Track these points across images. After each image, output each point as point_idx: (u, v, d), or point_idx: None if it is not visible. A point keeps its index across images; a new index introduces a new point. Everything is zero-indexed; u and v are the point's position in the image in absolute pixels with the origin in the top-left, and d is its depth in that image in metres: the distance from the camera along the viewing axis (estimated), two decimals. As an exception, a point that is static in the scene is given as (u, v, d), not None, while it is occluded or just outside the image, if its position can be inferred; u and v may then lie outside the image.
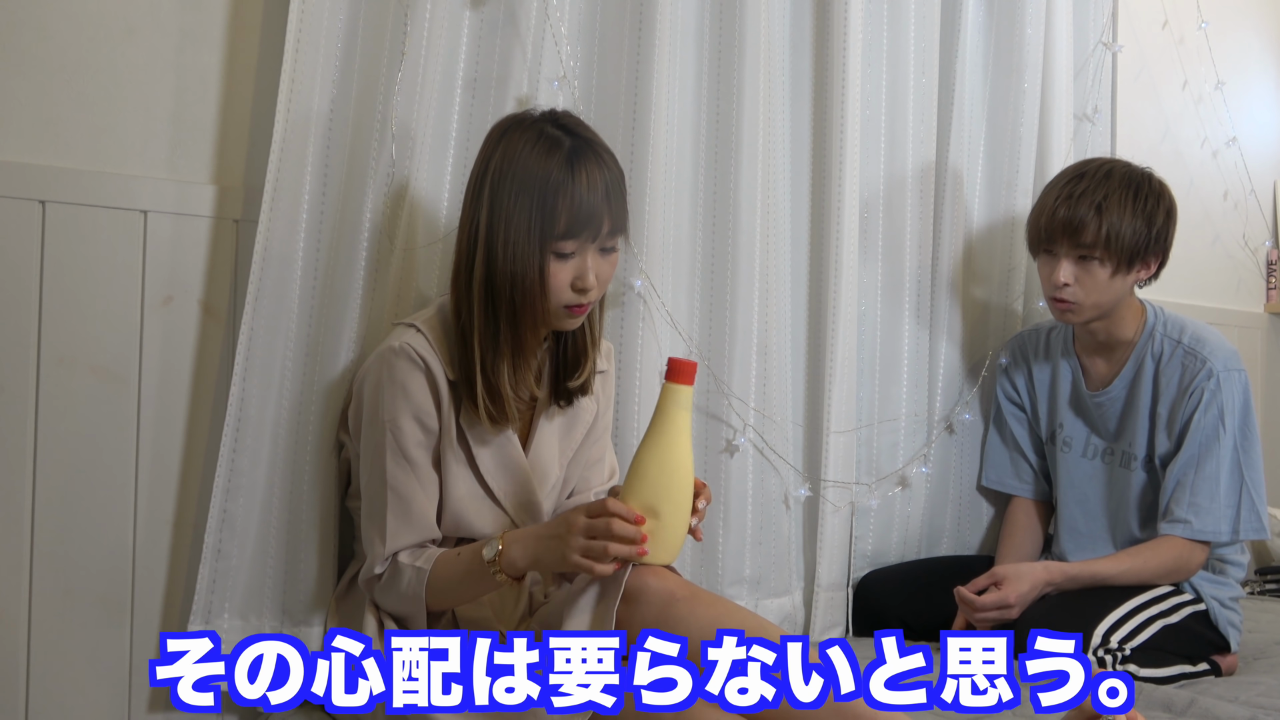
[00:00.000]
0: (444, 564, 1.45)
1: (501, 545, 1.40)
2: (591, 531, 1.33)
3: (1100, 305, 1.99)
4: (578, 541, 1.34)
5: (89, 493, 1.53)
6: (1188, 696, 1.61)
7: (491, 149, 1.45)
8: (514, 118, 1.49)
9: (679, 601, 1.34)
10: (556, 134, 1.43)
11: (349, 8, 1.61)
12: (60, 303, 1.50)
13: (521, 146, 1.42)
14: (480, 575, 1.42)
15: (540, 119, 1.47)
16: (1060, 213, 1.95)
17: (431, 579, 1.44)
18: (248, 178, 1.63)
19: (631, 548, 1.32)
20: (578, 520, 1.35)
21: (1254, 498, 1.97)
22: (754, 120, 1.97)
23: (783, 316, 2.06)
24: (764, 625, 1.34)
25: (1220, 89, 3.09)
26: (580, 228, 1.42)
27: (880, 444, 2.22)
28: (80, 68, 1.53)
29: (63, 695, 1.52)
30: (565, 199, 1.40)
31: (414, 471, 1.46)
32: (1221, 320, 2.99)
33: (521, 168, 1.41)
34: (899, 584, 2.15)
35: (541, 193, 1.40)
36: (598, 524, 1.33)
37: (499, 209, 1.41)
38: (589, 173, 1.42)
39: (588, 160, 1.42)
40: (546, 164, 1.41)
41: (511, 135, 1.44)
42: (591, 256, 1.45)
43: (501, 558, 1.40)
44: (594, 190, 1.41)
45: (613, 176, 1.45)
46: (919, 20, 2.24)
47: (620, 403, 1.82)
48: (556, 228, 1.41)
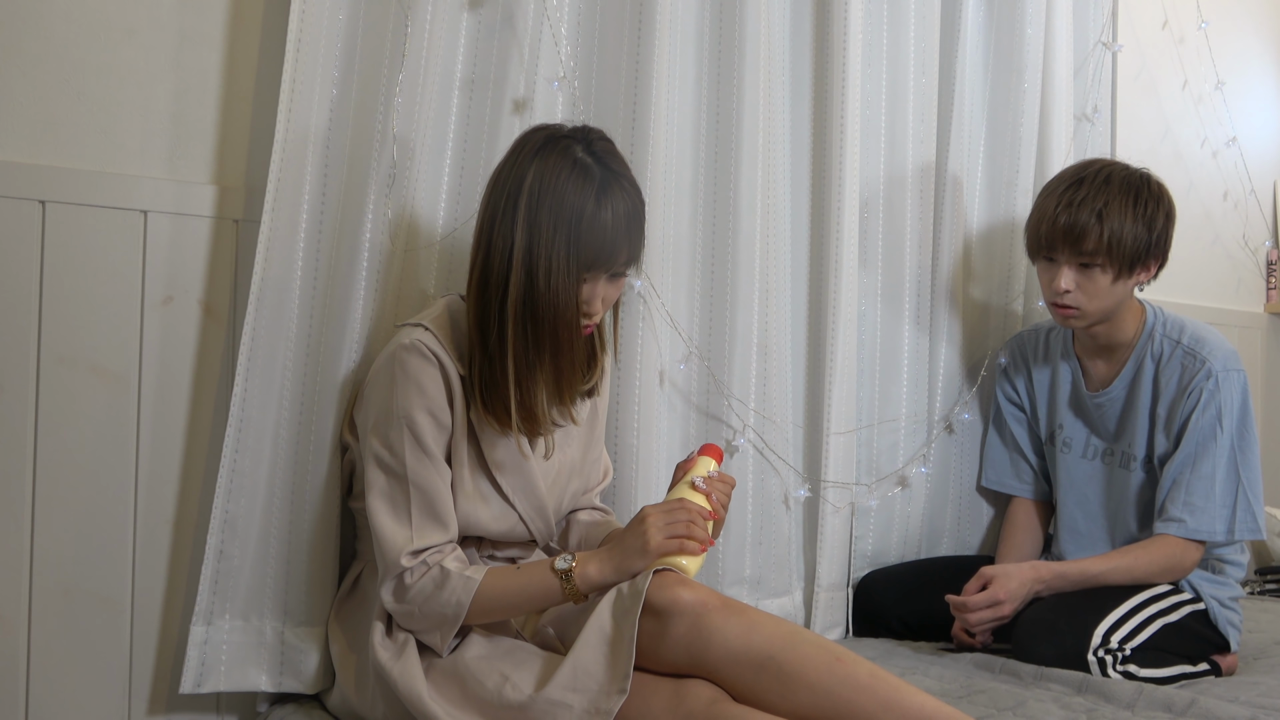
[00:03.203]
0: (498, 576, 1.43)
1: (575, 561, 1.42)
2: (672, 516, 1.40)
3: (1102, 310, 1.99)
4: (659, 521, 1.40)
5: (89, 492, 1.53)
6: (1188, 696, 1.61)
7: (526, 165, 1.44)
8: (547, 133, 1.47)
9: (712, 611, 1.33)
10: (588, 162, 1.44)
11: (349, 9, 1.61)
12: (60, 303, 1.50)
13: (558, 172, 1.42)
14: (547, 590, 1.42)
15: (572, 137, 1.46)
16: (1061, 220, 1.94)
17: (483, 590, 1.41)
18: (249, 178, 1.63)
19: (705, 536, 1.41)
20: (649, 513, 1.41)
21: (1250, 498, 1.97)
22: (754, 120, 1.97)
23: (783, 317, 2.06)
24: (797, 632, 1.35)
25: (1220, 89, 3.09)
26: (603, 262, 1.43)
27: (880, 444, 2.22)
28: (80, 68, 1.53)
29: (63, 695, 1.52)
30: (594, 233, 1.41)
31: (434, 466, 1.45)
32: (1221, 320, 2.99)
33: (558, 197, 1.41)
34: (899, 584, 2.15)
35: (576, 224, 1.41)
36: (677, 512, 1.41)
37: (539, 235, 1.41)
38: (614, 207, 1.42)
39: (614, 194, 1.43)
40: (581, 195, 1.41)
41: (547, 156, 1.44)
42: (603, 283, 1.46)
43: (576, 571, 1.41)
44: (617, 226, 1.43)
45: (634, 209, 1.46)
46: (919, 20, 2.24)
47: (620, 402, 1.82)
48: (585, 260, 1.42)
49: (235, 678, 1.55)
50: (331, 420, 1.58)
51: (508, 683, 1.35)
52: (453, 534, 1.46)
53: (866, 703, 1.27)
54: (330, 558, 1.60)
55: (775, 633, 1.32)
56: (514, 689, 1.34)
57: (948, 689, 1.72)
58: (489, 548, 1.57)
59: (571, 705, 1.30)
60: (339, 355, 1.58)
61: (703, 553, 1.42)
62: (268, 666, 1.57)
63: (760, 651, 1.30)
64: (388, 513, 1.44)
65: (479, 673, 1.39)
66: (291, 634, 1.57)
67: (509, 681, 1.35)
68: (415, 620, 1.43)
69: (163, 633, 1.58)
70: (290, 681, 1.57)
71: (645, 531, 1.40)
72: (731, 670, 1.31)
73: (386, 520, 1.43)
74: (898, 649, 2.00)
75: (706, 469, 1.52)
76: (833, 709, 1.28)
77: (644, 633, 1.32)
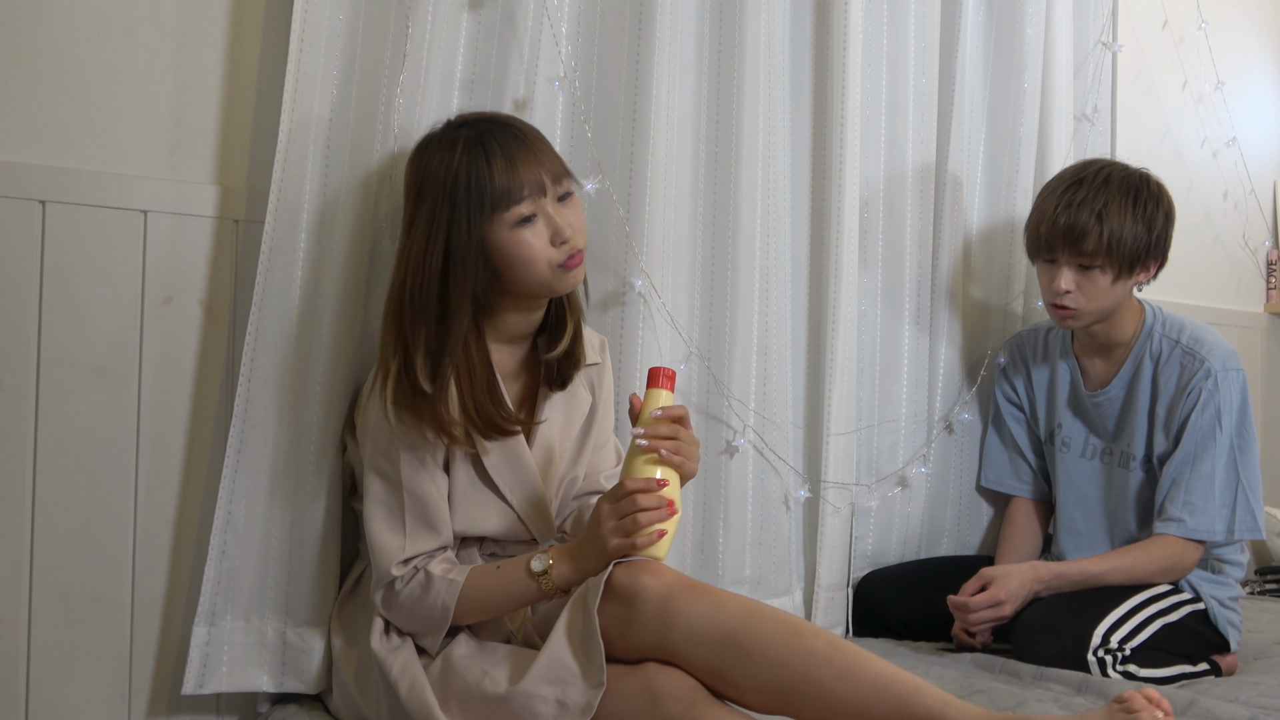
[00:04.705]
0: (480, 576, 1.44)
1: (552, 560, 1.42)
2: (619, 512, 1.37)
3: (1102, 311, 1.99)
4: (609, 525, 1.37)
5: (89, 492, 1.52)
6: (1188, 696, 1.61)
7: (407, 178, 1.47)
8: (419, 141, 1.49)
9: (677, 594, 1.33)
10: (452, 133, 1.45)
11: (350, 10, 1.61)
12: (60, 303, 1.50)
13: (427, 162, 1.44)
14: (525, 589, 1.43)
15: (443, 128, 1.48)
16: (1061, 220, 1.94)
17: (466, 591, 1.42)
18: (250, 178, 1.63)
19: (661, 511, 1.36)
20: (603, 508, 1.38)
21: (1250, 498, 1.97)
22: (754, 120, 1.97)
23: (783, 317, 2.06)
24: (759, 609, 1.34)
25: (1220, 89, 3.09)
26: (518, 188, 1.42)
27: (880, 445, 2.22)
28: (80, 68, 1.53)
29: (63, 695, 1.52)
30: (485, 173, 1.40)
31: (427, 473, 1.46)
32: (1221, 320, 2.99)
33: (433, 177, 1.42)
34: (899, 584, 2.16)
35: (456, 183, 1.40)
36: (623, 504, 1.37)
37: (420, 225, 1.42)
38: (499, 140, 1.43)
39: (493, 132, 1.44)
40: (451, 158, 1.41)
41: (416, 160, 1.46)
42: (553, 208, 1.45)
43: (553, 570, 1.42)
44: (510, 153, 1.42)
45: (523, 131, 1.46)
46: (919, 20, 2.24)
47: (621, 402, 1.82)
48: (492, 201, 1.41)
49: (237, 678, 1.55)
50: (333, 421, 1.58)
51: (487, 676, 1.37)
52: (445, 539, 1.47)
53: (823, 673, 1.28)
54: (332, 558, 1.60)
55: (738, 610, 1.33)
56: (492, 682, 1.36)
57: (947, 689, 1.70)
58: (492, 546, 1.57)
59: (547, 697, 1.32)
60: (340, 356, 1.58)
61: (660, 538, 1.38)
62: (269, 667, 1.57)
63: (723, 629, 1.31)
64: (383, 519, 1.46)
65: (463, 669, 1.40)
66: (293, 634, 1.57)
67: (488, 675, 1.37)
68: (407, 624, 1.46)
69: (163, 634, 1.58)
70: (292, 682, 1.57)
71: (601, 535, 1.38)
72: (696, 650, 1.31)
73: (381, 528, 1.46)
74: (898, 649, 2.00)
75: (652, 407, 1.42)
76: (792, 681, 1.29)
77: (613, 619, 1.33)
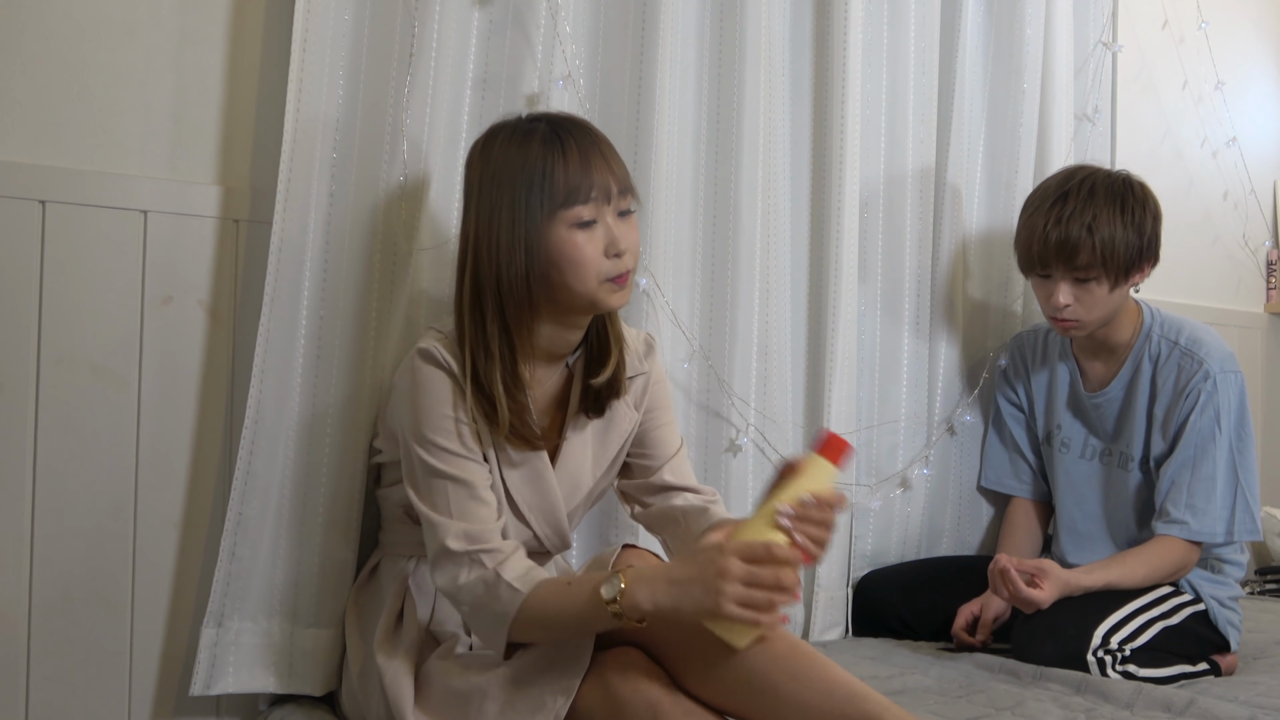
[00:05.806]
0: (548, 590, 1.31)
1: (625, 584, 1.24)
2: (754, 580, 1.19)
3: (1102, 318, 1.99)
4: (735, 590, 1.18)
5: (89, 493, 1.52)
6: (1187, 696, 1.61)
7: (474, 164, 1.43)
8: (490, 128, 1.45)
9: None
10: (531, 125, 1.41)
11: (354, 9, 1.60)
12: (60, 303, 1.50)
13: (500, 148, 1.40)
14: (593, 615, 1.26)
15: (516, 119, 1.44)
16: (1052, 237, 1.93)
17: (529, 604, 1.29)
18: (252, 178, 1.63)
19: (791, 594, 1.20)
20: (731, 566, 1.19)
21: (1249, 499, 1.98)
22: (754, 120, 1.97)
23: (783, 317, 2.06)
24: None
25: (1220, 89, 3.09)
26: (587, 188, 1.37)
27: (880, 445, 2.22)
28: (80, 68, 1.52)
29: (63, 695, 1.51)
30: (559, 168, 1.36)
31: (466, 456, 1.39)
32: (1221, 320, 2.99)
33: (504, 164, 1.38)
34: (899, 584, 2.16)
35: (529, 174, 1.36)
36: (763, 574, 1.19)
37: (485, 211, 1.38)
38: (575, 139, 1.39)
39: (570, 130, 1.40)
40: (527, 149, 1.38)
41: (489, 143, 1.42)
42: (613, 220, 1.40)
43: (624, 598, 1.23)
44: (585, 153, 1.38)
45: (601, 139, 1.42)
46: (919, 20, 2.24)
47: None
48: (558, 197, 1.36)
49: (244, 679, 1.55)
50: (347, 422, 1.57)
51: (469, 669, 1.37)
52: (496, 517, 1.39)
53: (779, 674, 1.27)
54: (342, 560, 1.59)
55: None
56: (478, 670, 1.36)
57: (947, 689, 1.72)
58: None
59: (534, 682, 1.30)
60: (351, 356, 1.58)
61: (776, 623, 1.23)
62: (276, 668, 1.56)
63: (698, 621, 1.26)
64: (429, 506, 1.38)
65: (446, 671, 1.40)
66: (301, 636, 1.57)
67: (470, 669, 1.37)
68: (468, 620, 1.40)
69: (167, 635, 1.58)
70: (299, 683, 1.57)
71: (719, 589, 1.19)
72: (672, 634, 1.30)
73: (430, 512, 1.38)
74: (897, 649, 2.00)
75: (811, 484, 1.27)
76: (748, 678, 1.27)
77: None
